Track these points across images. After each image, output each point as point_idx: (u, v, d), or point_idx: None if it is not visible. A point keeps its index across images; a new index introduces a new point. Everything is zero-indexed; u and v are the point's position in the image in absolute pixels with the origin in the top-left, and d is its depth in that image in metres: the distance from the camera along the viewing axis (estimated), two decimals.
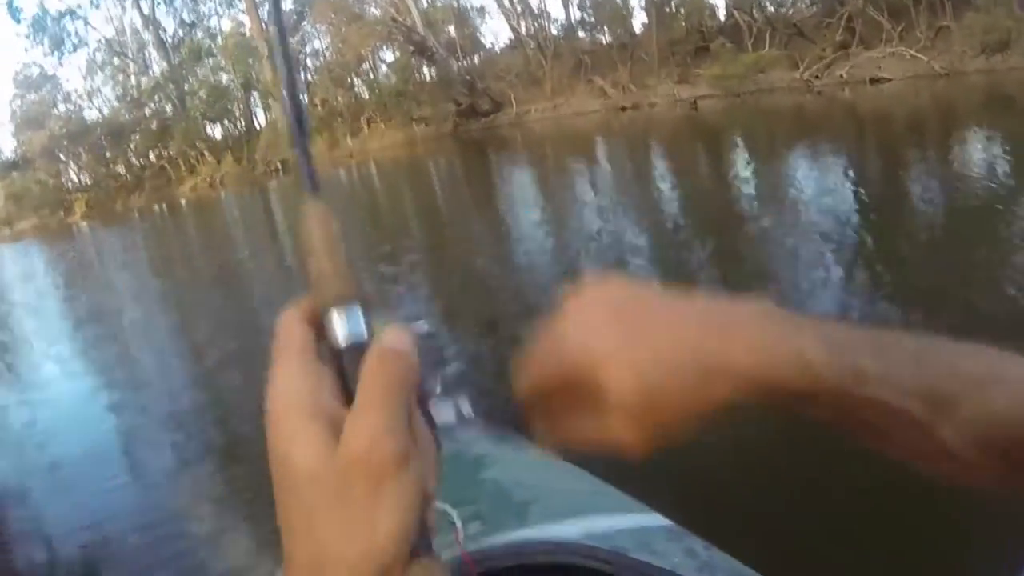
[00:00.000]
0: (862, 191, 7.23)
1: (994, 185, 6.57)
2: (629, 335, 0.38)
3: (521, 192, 11.23)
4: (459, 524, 0.91)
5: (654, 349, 0.37)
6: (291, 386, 0.31)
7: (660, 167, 11.88)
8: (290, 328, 0.33)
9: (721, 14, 25.01)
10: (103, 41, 34.36)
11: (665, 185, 9.82)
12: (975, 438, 0.38)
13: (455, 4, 28.07)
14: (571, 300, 0.40)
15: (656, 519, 1.05)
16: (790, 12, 23.64)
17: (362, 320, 0.33)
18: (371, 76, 27.65)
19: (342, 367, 0.32)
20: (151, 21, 32.95)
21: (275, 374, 0.32)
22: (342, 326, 0.33)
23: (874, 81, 18.43)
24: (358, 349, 0.32)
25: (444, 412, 0.29)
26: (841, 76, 19.38)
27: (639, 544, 0.89)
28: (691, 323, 0.39)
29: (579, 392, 0.38)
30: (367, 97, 26.80)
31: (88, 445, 4.41)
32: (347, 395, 0.32)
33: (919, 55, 18.34)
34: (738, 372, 0.37)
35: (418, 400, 0.33)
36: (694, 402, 0.37)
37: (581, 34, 27.11)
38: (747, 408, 0.37)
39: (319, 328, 0.33)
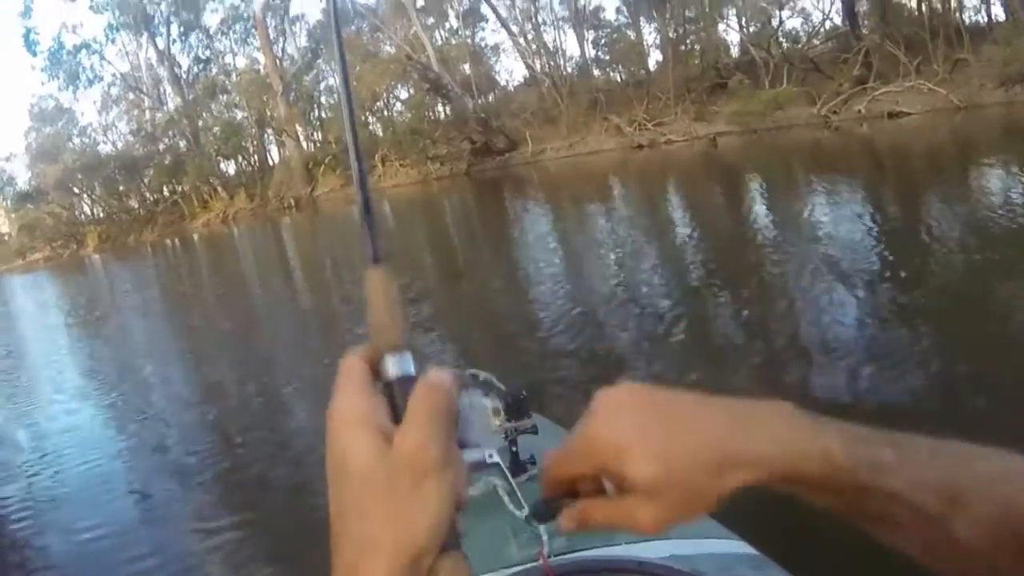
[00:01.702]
0: (891, 232, 7.01)
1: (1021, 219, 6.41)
2: (654, 427, 0.42)
3: (537, 238, 10.93)
4: (545, 538, 0.98)
5: (678, 440, 0.41)
6: (351, 404, 0.37)
7: (684, 209, 11.56)
8: (352, 364, 0.39)
9: (735, 51, 25.06)
10: (118, 76, 34.77)
11: (691, 228, 9.48)
12: (989, 534, 0.39)
13: (470, 42, 28.23)
14: (602, 400, 0.44)
15: (742, 547, 1.07)
16: (806, 48, 23.59)
17: (412, 363, 0.39)
18: (386, 114, 27.67)
19: (394, 399, 0.38)
20: (166, 57, 33.31)
21: (337, 397, 0.37)
22: (395, 364, 0.39)
23: (892, 115, 18.26)
24: (407, 384, 0.38)
25: (474, 456, 0.41)
26: (859, 111, 19.22)
27: (720, 569, 0.93)
28: (715, 416, 0.43)
29: (604, 478, 0.43)
30: (381, 135, 26.77)
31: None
32: (397, 419, 0.37)
33: (937, 88, 18.20)
34: (759, 461, 0.41)
35: (455, 437, 0.38)
36: (712, 486, 0.41)
37: (596, 72, 27.20)
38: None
39: (376, 370, 0.39)
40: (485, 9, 28.72)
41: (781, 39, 23.93)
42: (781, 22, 24.46)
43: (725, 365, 4.35)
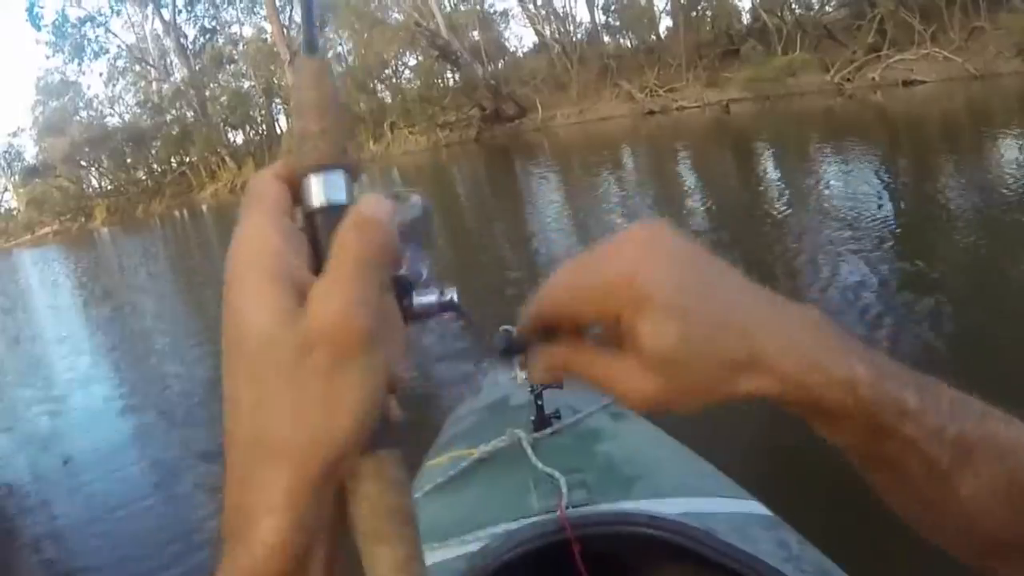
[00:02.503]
0: (908, 202, 6.92)
1: None
2: (685, 289, 0.34)
3: (548, 205, 10.88)
4: (565, 489, 1.00)
5: (708, 313, 0.34)
6: (256, 242, 0.29)
7: (698, 176, 11.48)
8: (264, 185, 0.31)
9: (746, 17, 24.78)
10: (124, 48, 34.60)
11: (705, 195, 9.40)
12: (992, 500, 0.36)
13: (479, 8, 27.97)
14: (624, 235, 0.36)
15: (756, 507, 1.09)
16: (819, 15, 23.32)
17: (344, 186, 0.30)
18: (394, 81, 27.51)
19: (315, 233, 0.30)
20: (172, 28, 33.07)
21: (240, 229, 0.29)
22: (319, 189, 0.30)
23: (907, 84, 18.09)
24: (335, 215, 0.29)
25: (426, 298, 0.33)
26: (873, 79, 19.02)
27: (732, 528, 0.93)
28: (754, 302, 0.36)
29: (597, 324, 0.35)
30: (390, 102, 26.63)
31: None
32: (317, 262, 0.29)
33: (953, 56, 17.98)
34: (782, 372, 0.34)
35: (399, 281, 0.32)
36: (726, 383, 0.34)
37: (606, 38, 26.91)
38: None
39: (296, 192, 0.31)
40: None
41: (794, 5, 23.63)
42: None
43: None
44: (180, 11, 33.14)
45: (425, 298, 0.34)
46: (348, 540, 0.29)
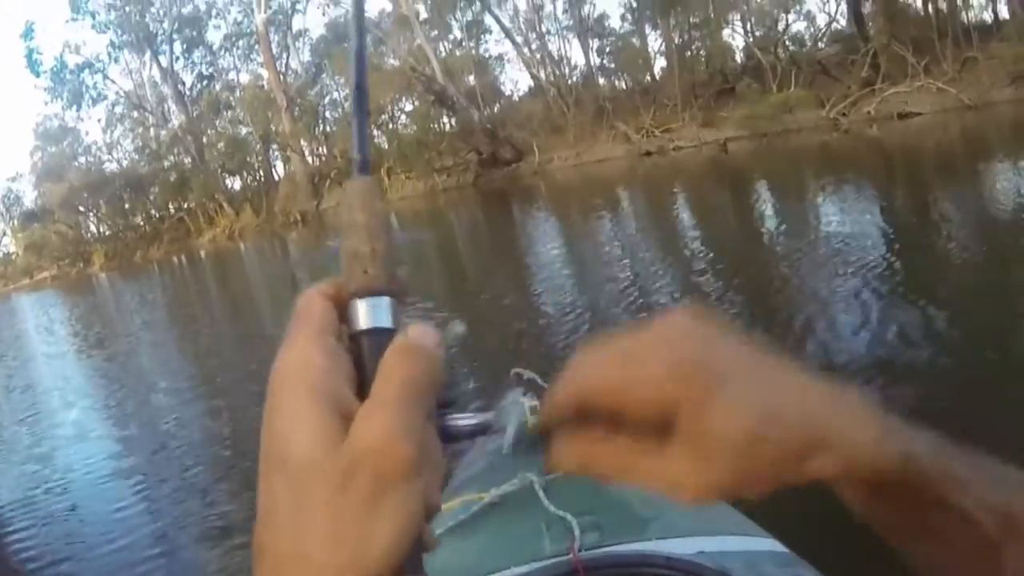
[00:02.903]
0: (907, 235, 6.86)
1: None
2: (753, 375, 0.33)
3: (547, 251, 10.71)
4: (577, 532, 1.00)
5: (774, 399, 0.33)
6: (302, 361, 0.29)
7: (699, 217, 11.30)
8: (311, 304, 0.31)
9: (740, 56, 24.96)
10: (122, 94, 34.84)
11: (706, 237, 9.19)
12: None
13: (474, 53, 28.18)
14: (667, 320, 0.35)
15: (773, 544, 1.09)
16: (813, 51, 23.47)
17: (390, 311, 0.31)
18: (391, 126, 27.60)
19: (360, 354, 0.30)
20: (170, 74, 33.37)
21: (287, 347, 0.29)
22: (367, 313, 0.30)
23: (902, 116, 18.14)
24: (381, 339, 0.30)
25: (462, 421, 0.33)
26: (868, 112, 19.09)
27: (747, 566, 0.93)
28: (805, 390, 0.35)
29: (637, 416, 0.33)
30: (387, 147, 26.69)
31: None
32: (362, 386, 0.29)
33: (946, 87, 18.09)
34: (845, 453, 0.34)
35: (435, 409, 0.31)
36: (793, 467, 0.33)
37: (601, 80, 27.12)
38: None
39: (343, 313, 0.31)
40: (489, 20, 28.76)
41: (787, 42, 23.81)
42: (787, 25, 24.36)
43: None
44: (177, 58, 33.53)
45: (461, 421, 0.33)
46: None
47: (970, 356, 3.78)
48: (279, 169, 32.73)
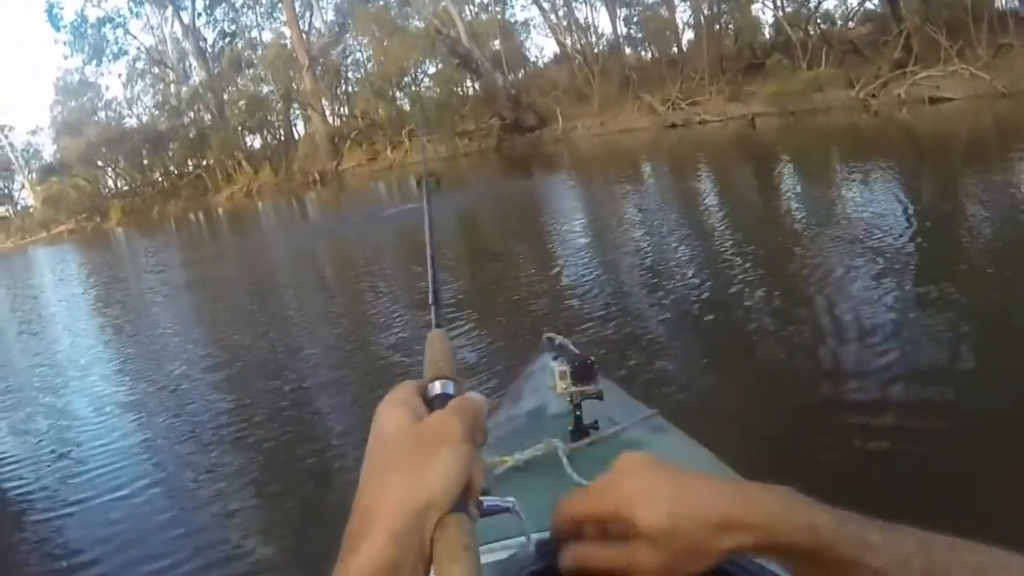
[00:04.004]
0: (935, 223, 6.70)
1: None
2: (665, 485, 0.46)
3: (570, 219, 10.61)
4: None
5: (685, 498, 0.45)
6: (397, 396, 0.47)
7: (726, 193, 11.14)
8: (403, 389, 0.48)
9: (768, 31, 24.56)
10: (143, 50, 34.70)
11: (731, 214, 9.07)
12: None
13: (500, 17, 27.85)
14: (623, 459, 0.50)
15: None
16: (844, 29, 23.06)
17: (452, 389, 0.49)
18: (414, 88, 27.39)
19: (432, 409, 0.46)
20: (191, 31, 33.16)
21: (387, 397, 0.47)
22: (438, 387, 0.49)
23: (933, 100, 17.76)
24: (446, 400, 0.47)
25: (491, 502, 0.48)
26: (899, 95, 18.72)
27: None
28: (720, 487, 0.47)
29: (612, 526, 0.47)
30: (409, 109, 26.50)
31: None
32: None
33: (980, 73, 17.67)
34: (754, 527, 0.44)
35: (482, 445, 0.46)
36: (711, 542, 0.44)
37: (628, 50, 26.75)
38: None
39: (424, 394, 0.48)
40: None
41: (818, 19, 23.39)
42: (819, 2, 23.92)
43: (758, 345, 4.33)
44: (199, 14, 33.29)
45: (490, 502, 0.47)
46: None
47: (996, 352, 3.69)
48: (299, 128, 32.66)
